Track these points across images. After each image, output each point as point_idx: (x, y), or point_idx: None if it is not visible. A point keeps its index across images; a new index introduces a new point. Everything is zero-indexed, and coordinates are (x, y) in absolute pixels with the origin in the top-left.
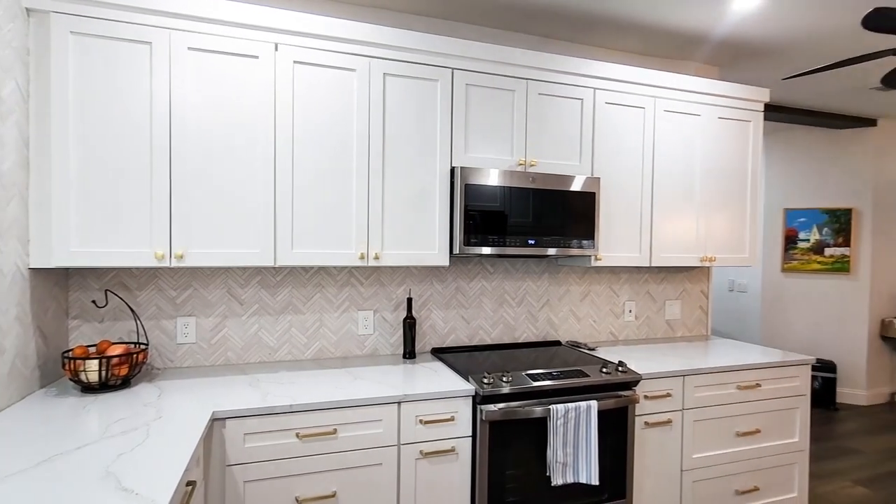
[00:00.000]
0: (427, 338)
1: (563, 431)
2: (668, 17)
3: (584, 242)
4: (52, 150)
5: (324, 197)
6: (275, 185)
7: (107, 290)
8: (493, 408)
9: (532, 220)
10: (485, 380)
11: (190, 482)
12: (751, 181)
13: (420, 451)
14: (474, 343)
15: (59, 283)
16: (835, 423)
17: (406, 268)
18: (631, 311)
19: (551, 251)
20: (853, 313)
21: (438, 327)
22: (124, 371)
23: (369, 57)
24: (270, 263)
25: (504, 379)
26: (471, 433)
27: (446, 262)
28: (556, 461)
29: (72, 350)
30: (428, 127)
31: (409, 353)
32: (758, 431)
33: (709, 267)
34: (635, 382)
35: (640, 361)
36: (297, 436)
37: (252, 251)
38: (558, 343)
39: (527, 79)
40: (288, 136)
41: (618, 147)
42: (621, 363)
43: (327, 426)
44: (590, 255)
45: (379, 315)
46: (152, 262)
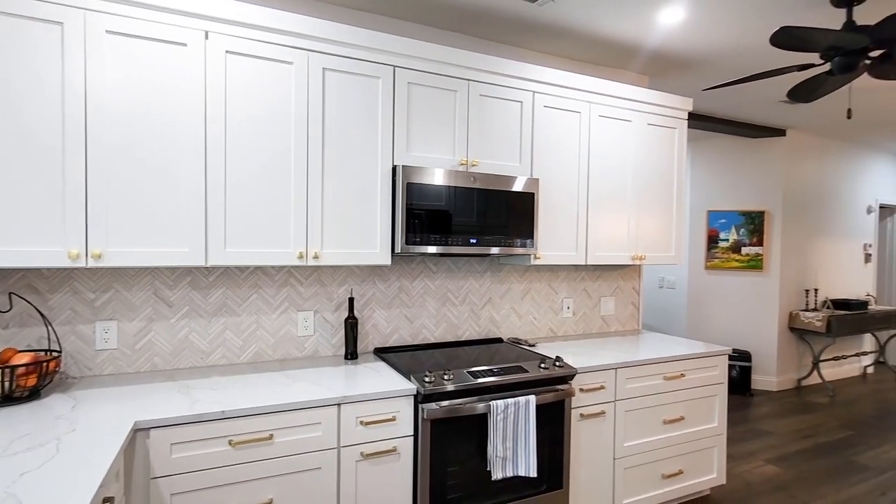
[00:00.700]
0: (370, 338)
1: (502, 426)
2: (604, 27)
3: (524, 242)
4: None
5: (260, 193)
6: (206, 181)
7: (11, 294)
8: (435, 406)
9: (474, 220)
10: (426, 378)
11: (107, 498)
12: (676, 185)
13: (361, 453)
14: (418, 342)
15: None
16: (750, 408)
17: (348, 267)
18: (569, 308)
19: (493, 250)
20: (766, 307)
21: (381, 327)
22: (32, 382)
23: (308, 50)
24: (201, 263)
25: (445, 377)
26: (412, 432)
27: (388, 262)
28: (496, 456)
29: None
30: (369, 124)
31: (351, 353)
32: (682, 419)
33: (639, 265)
34: (571, 376)
35: (576, 356)
36: (229, 443)
37: (181, 250)
38: (500, 340)
39: (468, 80)
40: (220, 129)
41: (556, 149)
42: (558, 358)
43: (263, 432)
44: (529, 254)
45: (320, 316)
46: (65, 263)
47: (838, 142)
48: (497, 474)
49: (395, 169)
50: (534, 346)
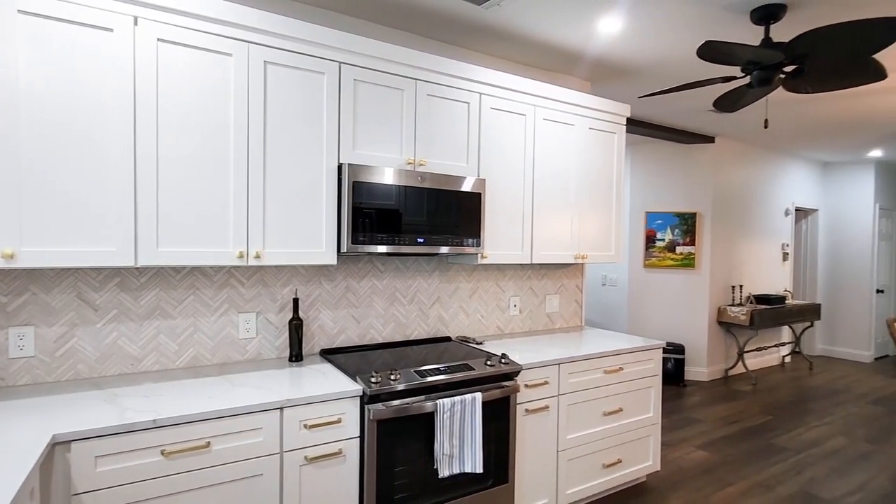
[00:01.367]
0: (316, 339)
1: (449, 424)
2: (547, 32)
3: (472, 241)
4: None
5: (197, 190)
6: (135, 175)
7: None
8: (381, 406)
9: (421, 219)
10: (372, 379)
11: None
12: (616, 187)
13: (305, 457)
14: (365, 342)
15: None
16: (683, 398)
17: (292, 267)
18: (516, 306)
19: (440, 249)
20: (697, 302)
21: (328, 328)
22: None
23: (248, 42)
24: (130, 263)
25: (392, 377)
26: (358, 434)
27: (334, 261)
28: (442, 454)
29: None
30: (314, 121)
31: (296, 355)
32: (620, 410)
33: (582, 264)
34: (516, 373)
35: (522, 353)
36: (162, 453)
37: (107, 249)
38: (448, 339)
39: (416, 79)
40: (151, 120)
41: (502, 150)
42: (504, 355)
43: (199, 440)
44: (476, 254)
45: (262, 317)
46: None
47: (760, 149)
48: (444, 472)
49: (340, 167)
50: (481, 343)
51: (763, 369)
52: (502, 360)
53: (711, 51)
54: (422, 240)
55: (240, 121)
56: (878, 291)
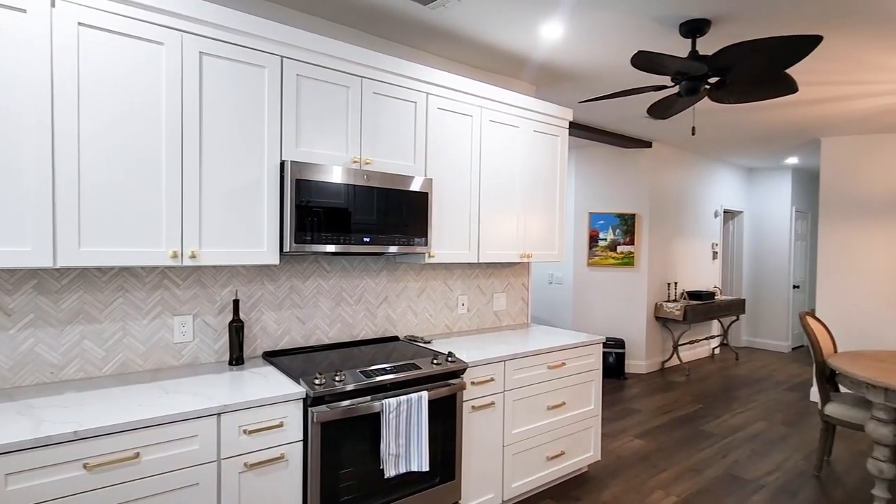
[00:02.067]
0: (258, 341)
1: (395, 424)
2: (492, 35)
3: (419, 240)
4: None
5: (125, 185)
6: (53, 168)
7: None
8: (325, 408)
9: (367, 219)
10: (316, 381)
11: None
12: (559, 188)
13: (244, 464)
14: (311, 344)
15: None
16: (623, 390)
17: (232, 267)
18: (463, 305)
19: (387, 249)
20: (636, 299)
21: (271, 329)
22: None
23: (181, 31)
24: (49, 264)
25: (337, 378)
26: (302, 437)
27: (277, 261)
28: (388, 454)
29: None
30: (255, 116)
31: (237, 359)
32: (563, 404)
33: (528, 262)
34: (462, 371)
35: (469, 351)
36: (85, 467)
37: (20, 249)
38: (396, 339)
39: (362, 77)
40: (72, 112)
41: (449, 151)
42: (451, 354)
43: (127, 451)
44: (424, 253)
45: (200, 320)
46: None
47: (693, 154)
48: (390, 472)
49: (283, 164)
50: (429, 343)
51: (695, 361)
52: (449, 359)
53: (643, 60)
54: (368, 239)
55: (173, 114)
56: (794, 287)
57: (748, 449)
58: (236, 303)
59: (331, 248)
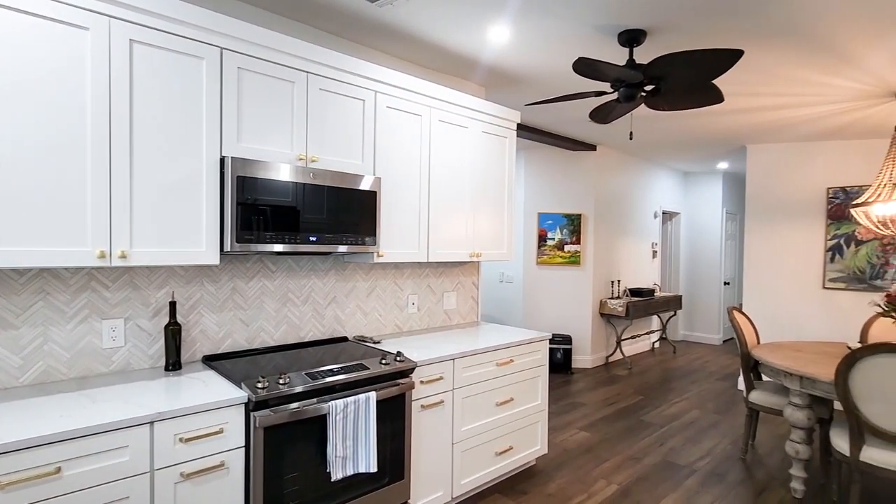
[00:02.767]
0: (197, 345)
1: (342, 426)
2: (441, 35)
3: (367, 239)
4: None
5: (42, 177)
6: None
7: None
8: (269, 413)
9: (314, 218)
10: (259, 384)
11: None
12: (507, 188)
13: (180, 474)
14: (255, 346)
15: None
16: (570, 385)
17: (169, 267)
18: (414, 304)
19: (335, 248)
20: (582, 296)
21: (211, 332)
22: None
23: (108, 16)
24: None
25: (281, 381)
26: (244, 443)
27: (217, 261)
28: (335, 456)
29: None
30: (193, 109)
31: (174, 364)
32: (511, 400)
33: (477, 261)
34: (411, 370)
35: (419, 350)
36: None
37: None
38: (345, 339)
39: (307, 72)
40: None
41: (398, 150)
42: (399, 353)
43: (46, 466)
44: (373, 252)
45: (132, 323)
46: None
47: (634, 158)
48: (337, 474)
49: (223, 160)
50: (379, 343)
51: (637, 355)
52: (397, 358)
53: (584, 67)
54: (315, 238)
55: (100, 103)
56: (725, 283)
57: (683, 437)
58: (173, 305)
59: (277, 248)
